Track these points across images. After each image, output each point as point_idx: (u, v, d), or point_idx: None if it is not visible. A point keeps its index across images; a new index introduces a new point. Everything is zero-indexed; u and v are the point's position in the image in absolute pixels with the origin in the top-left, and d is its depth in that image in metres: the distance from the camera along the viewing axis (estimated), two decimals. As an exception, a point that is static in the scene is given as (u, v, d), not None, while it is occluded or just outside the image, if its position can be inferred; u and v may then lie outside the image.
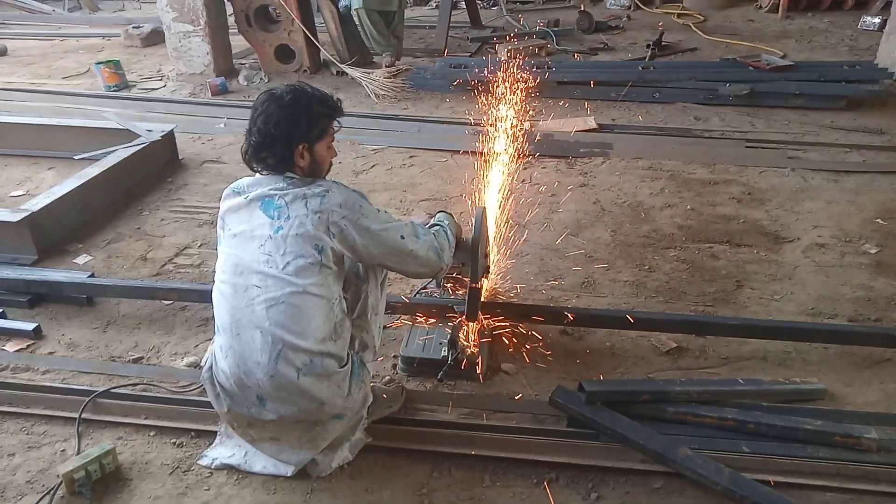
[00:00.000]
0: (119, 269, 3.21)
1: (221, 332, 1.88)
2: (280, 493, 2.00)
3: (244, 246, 1.85)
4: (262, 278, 1.81)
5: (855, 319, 2.78)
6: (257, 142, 1.86)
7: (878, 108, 5.12)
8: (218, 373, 1.90)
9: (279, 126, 1.83)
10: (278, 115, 1.84)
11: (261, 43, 6.12)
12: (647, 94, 5.40)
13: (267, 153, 1.87)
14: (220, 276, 1.91)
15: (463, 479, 2.04)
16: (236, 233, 1.88)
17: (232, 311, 1.84)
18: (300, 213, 1.81)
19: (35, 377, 2.49)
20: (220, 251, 1.93)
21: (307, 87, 1.92)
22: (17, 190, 4.04)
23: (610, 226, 3.56)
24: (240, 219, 1.88)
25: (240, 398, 1.88)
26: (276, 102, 1.85)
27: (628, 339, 2.66)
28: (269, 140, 1.85)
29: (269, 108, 1.85)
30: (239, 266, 1.85)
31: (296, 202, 1.82)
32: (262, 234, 1.83)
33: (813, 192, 3.88)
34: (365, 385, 2.02)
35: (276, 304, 1.80)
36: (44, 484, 2.03)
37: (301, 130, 1.86)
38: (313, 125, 1.88)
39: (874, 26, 7.35)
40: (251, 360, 1.81)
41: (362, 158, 4.41)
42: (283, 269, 1.79)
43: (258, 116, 1.86)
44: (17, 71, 6.57)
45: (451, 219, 2.24)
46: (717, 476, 1.94)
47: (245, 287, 1.83)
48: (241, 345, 1.83)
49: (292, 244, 1.80)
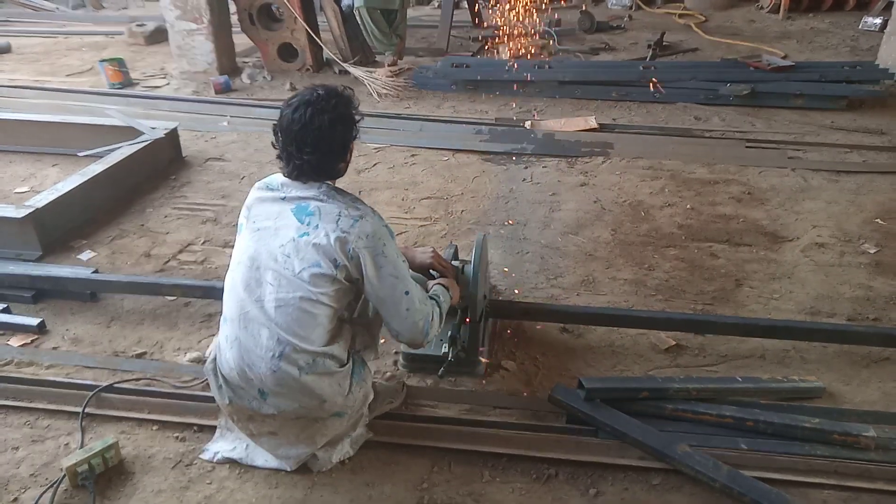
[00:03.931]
0: (123, 265, 3.23)
1: (228, 321, 1.90)
2: (282, 487, 2.02)
3: (266, 241, 1.85)
4: (277, 277, 1.82)
5: (854, 319, 2.80)
6: (316, 160, 1.80)
7: (878, 109, 5.13)
8: (221, 363, 1.91)
9: (334, 133, 1.80)
10: (332, 122, 1.78)
11: (264, 41, 6.14)
12: (648, 93, 5.41)
13: (325, 166, 1.84)
14: (234, 265, 1.91)
15: (463, 475, 2.06)
16: (260, 227, 1.87)
17: (242, 303, 1.86)
18: (329, 226, 1.80)
19: (39, 372, 2.51)
20: (240, 240, 1.93)
21: (329, 88, 1.85)
22: (22, 186, 4.06)
23: (610, 225, 3.57)
24: (267, 214, 1.87)
25: (241, 391, 1.90)
26: (322, 112, 1.77)
27: (628, 337, 2.67)
28: (328, 151, 1.81)
29: (319, 118, 1.77)
30: (256, 260, 1.85)
31: (329, 215, 1.81)
32: (286, 234, 1.83)
33: (813, 192, 3.90)
34: (366, 384, 2.03)
35: (285, 305, 1.81)
36: (47, 477, 2.05)
37: (351, 130, 1.87)
38: (355, 120, 1.88)
39: (875, 27, 7.35)
40: (255, 354, 1.83)
41: (364, 157, 4.43)
42: (299, 273, 1.80)
43: (308, 133, 1.77)
44: (21, 68, 6.58)
45: (447, 293, 2.14)
46: (716, 473, 1.96)
47: (259, 282, 1.84)
48: (247, 337, 1.85)
49: (312, 252, 1.80)
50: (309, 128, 1.77)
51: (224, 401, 1.95)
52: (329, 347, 1.86)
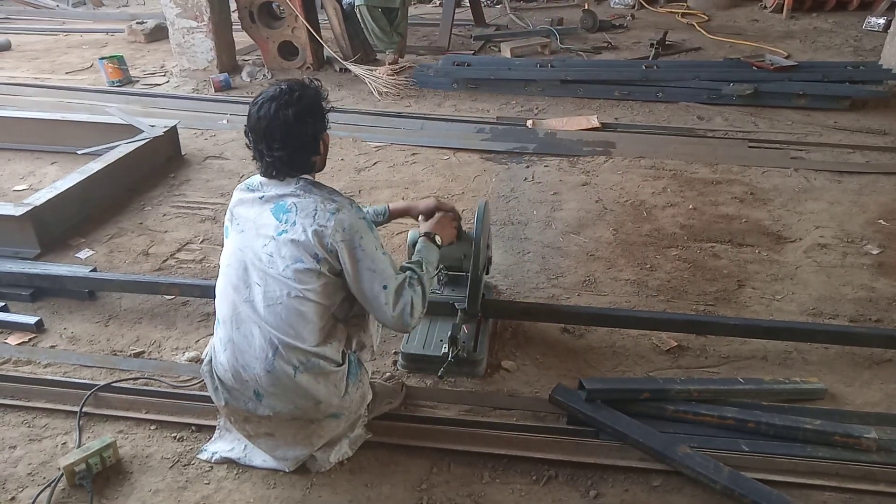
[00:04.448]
0: (121, 263, 3.22)
1: (222, 323, 1.90)
2: (280, 487, 2.01)
3: (250, 243, 1.85)
4: (263, 277, 1.82)
5: (856, 320, 2.78)
6: (286, 155, 1.78)
7: (881, 109, 5.10)
8: (217, 365, 1.91)
9: (302, 126, 1.77)
10: (300, 114, 1.77)
11: (264, 39, 6.12)
12: (651, 93, 5.39)
13: (298, 160, 1.82)
14: (223, 268, 1.92)
15: (462, 476, 2.05)
16: (244, 229, 1.88)
17: (233, 304, 1.86)
18: (306, 221, 1.79)
19: (37, 370, 2.50)
20: (227, 244, 1.94)
21: (292, 82, 1.84)
22: (21, 184, 4.05)
23: (612, 225, 3.56)
24: (249, 216, 1.88)
25: (237, 392, 1.89)
26: (286, 106, 1.76)
27: (629, 338, 2.66)
28: (299, 145, 1.80)
29: (282, 114, 1.75)
30: (243, 262, 1.86)
31: (305, 210, 1.80)
32: (266, 234, 1.83)
33: (816, 193, 3.88)
34: (363, 384, 2.01)
35: (274, 304, 1.81)
36: (45, 476, 2.04)
37: (320, 122, 1.84)
38: (324, 112, 1.86)
39: (879, 27, 7.32)
40: (249, 354, 1.83)
41: (365, 155, 4.42)
42: (283, 271, 1.80)
43: (274, 129, 1.75)
44: (21, 66, 6.57)
45: (434, 248, 2.08)
46: (717, 474, 1.94)
47: (247, 283, 1.84)
48: (240, 338, 1.84)
49: (293, 249, 1.79)
50: (274, 123, 1.76)
51: (220, 402, 1.94)
52: (322, 348, 1.85)
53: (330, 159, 1.97)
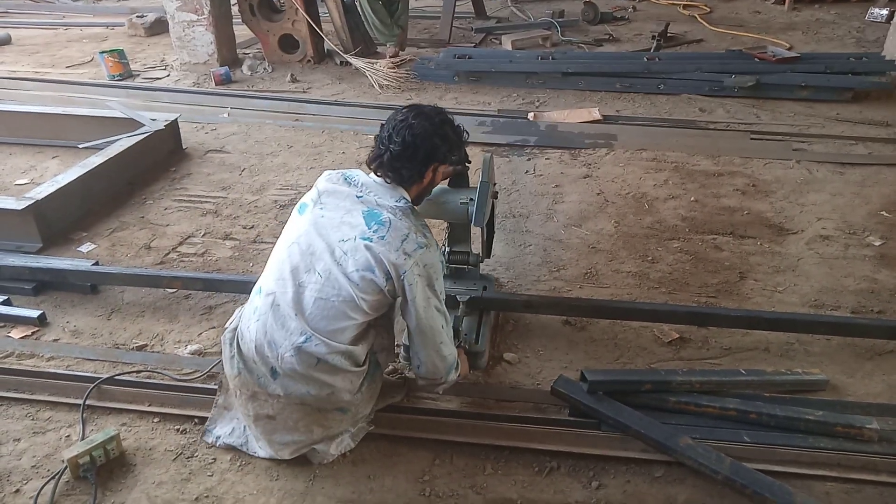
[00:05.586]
0: (123, 257, 3.22)
1: (263, 294, 1.92)
2: (282, 479, 2.02)
3: (327, 232, 1.88)
4: (327, 270, 1.84)
5: (858, 311, 2.78)
6: (398, 151, 1.90)
7: (884, 101, 5.09)
8: (241, 332, 1.93)
9: (426, 140, 1.90)
10: (428, 131, 1.91)
11: (264, 32, 6.11)
12: (652, 85, 5.38)
13: (404, 164, 1.91)
14: (287, 244, 1.94)
15: (464, 467, 2.06)
16: (326, 215, 1.90)
17: (283, 282, 1.89)
18: (394, 243, 1.83)
19: (40, 364, 2.50)
20: (300, 220, 1.95)
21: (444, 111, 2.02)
22: (22, 178, 4.05)
23: (613, 217, 3.56)
24: (338, 206, 1.91)
25: (253, 365, 1.91)
26: (426, 119, 1.92)
27: (631, 330, 2.66)
28: (412, 152, 1.90)
29: (419, 122, 1.91)
30: (313, 246, 1.88)
31: (397, 231, 1.85)
32: (349, 232, 1.85)
33: (818, 185, 3.87)
34: (376, 385, 2.05)
35: (326, 300, 1.84)
36: (49, 469, 2.05)
37: (443, 151, 1.94)
38: (453, 149, 1.98)
39: (882, 18, 7.30)
40: (280, 333, 1.86)
41: (366, 148, 4.40)
42: (351, 272, 1.83)
43: (404, 128, 1.90)
44: (21, 60, 6.56)
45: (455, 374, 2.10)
46: (718, 465, 1.95)
47: (308, 268, 1.87)
48: (276, 315, 1.87)
49: (369, 257, 1.83)
50: (407, 123, 1.91)
51: (233, 372, 1.95)
52: (352, 348, 1.90)
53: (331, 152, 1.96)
